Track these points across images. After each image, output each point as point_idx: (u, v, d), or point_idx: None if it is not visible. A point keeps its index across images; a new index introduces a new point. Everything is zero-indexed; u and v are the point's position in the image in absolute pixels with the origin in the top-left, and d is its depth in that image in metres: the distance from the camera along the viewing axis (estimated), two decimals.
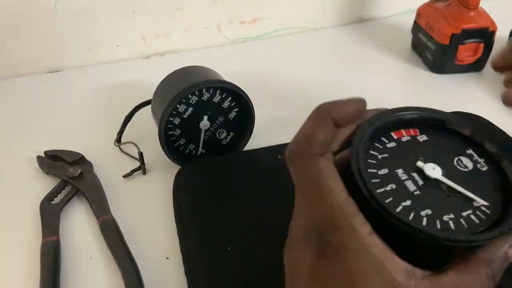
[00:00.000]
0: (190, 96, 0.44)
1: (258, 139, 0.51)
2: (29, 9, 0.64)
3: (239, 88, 0.45)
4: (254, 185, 0.45)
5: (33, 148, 0.51)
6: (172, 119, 0.45)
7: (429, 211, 0.24)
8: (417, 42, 0.70)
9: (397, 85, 0.65)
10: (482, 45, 0.61)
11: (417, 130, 0.29)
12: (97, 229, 0.42)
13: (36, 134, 0.56)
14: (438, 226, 0.24)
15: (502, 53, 0.38)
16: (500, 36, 0.63)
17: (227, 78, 0.47)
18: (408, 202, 0.25)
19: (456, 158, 0.28)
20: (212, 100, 0.45)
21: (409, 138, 0.29)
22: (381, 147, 0.28)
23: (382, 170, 0.26)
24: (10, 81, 0.68)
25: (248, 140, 0.50)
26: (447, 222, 0.24)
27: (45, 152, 0.50)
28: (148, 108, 0.51)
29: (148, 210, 0.45)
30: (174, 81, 0.47)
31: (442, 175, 0.26)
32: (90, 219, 0.44)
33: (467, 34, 0.61)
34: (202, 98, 0.45)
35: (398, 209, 0.24)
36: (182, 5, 0.71)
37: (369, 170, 0.26)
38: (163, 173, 0.49)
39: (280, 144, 0.50)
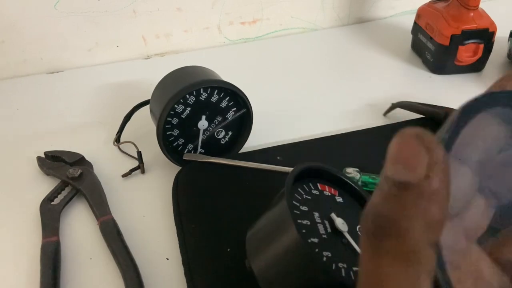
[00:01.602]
0: (187, 96, 0.44)
1: (257, 139, 0.51)
2: (29, 10, 0.65)
3: (236, 88, 0.45)
4: (254, 186, 0.45)
5: (33, 148, 0.52)
6: (170, 119, 0.45)
7: (329, 254, 0.29)
8: (417, 43, 0.70)
9: (397, 85, 0.65)
10: (482, 46, 0.61)
11: (337, 191, 0.36)
12: (97, 230, 0.43)
13: (36, 135, 0.56)
14: (333, 268, 0.28)
15: None
16: (500, 37, 0.63)
17: (227, 78, 0.47)
18: (315, 240, 0.30)
19: (359, 226, 0.33)
20: (210, 100, 0.45)
21: (329, 194, 0.35)
22: (307, 189, 0.34)
23: (303, 207, 0.32)
24: (10, 81, 0.68)
25: (247, 139, 0.50)
26: (340, 269, 0.29)
27: (45, 153, 0.50)
28: (147, 107, 0.51)
29: (148, 210, 0.45)
30: (171, 81, 0.47)
31: (347, 231, 0.31)
32: (90, 220, 0.44)
33: (467, 35, 0.60)
34: (200, 98, 0.45)
35: (309, 241, 0.29)
36: (182, 5, 0.71)
37: (294, 202, 0.32)
38: (162, 172, 0.49)
39: (280, 145, 0.50)
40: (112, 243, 0.40)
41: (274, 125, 0.55)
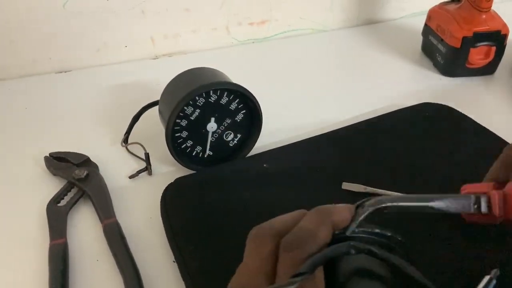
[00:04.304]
0: (197, 98, 0.44)
1: (266, 141, 0.51)
2: (39, 10, 0.65)
3: (246, 90, 0.45)
4: (243, 197, 0.43)
5: (41, 148, 0.51)
6: (179, 121, 0.44)
7: None
8: (427, 45, 0.69)
9: (407, 88, 0.64)
10: (493, 48, 0.60)
11: None
12: (102, 232, 0.42)
13: (44, 134, 0.56)
14: None
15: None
16: None
17: (235, 79, 0.47)
18: None
19: None
20: (220, 102, 0.45)
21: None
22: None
23: None
24: (19, 81, 0.68)
25: (256, 142, 0.49)
26: None
27: (50, 154, 0.50)
28: (155, 108, 0.51)
29: (155, 212, 0.45)
30: (181, 82, 0.47)
31: None
32: (96, 221, 0.44)
33: (479, 37, 0.60)
34: (210, 100, 0.44)
35: None
36: (190, 6, 0.71)
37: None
38: (170, 174, 0.48)
39: (264, 152, 0.49)
40: (115, 246, 0.40)
41: (282, 127, 0.55)
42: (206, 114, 0.45)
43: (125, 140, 0.52)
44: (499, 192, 0.30)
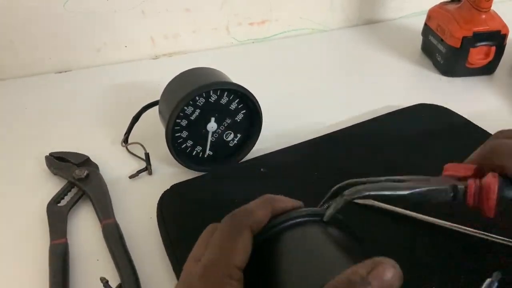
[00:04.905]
0: (197, 98, 0.44)
1: (266, 141, 0.51)
2: (38, 9, 0.65)
3: (247, 90, 0.45)
4: (240, 203, 0.43)
5: (41, 148, 0.51)
6: (179, 121, 0.44)
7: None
8: (427, 45, 0.69)
9: (407, 88, 0.64)
10: (493, 48, 0.60)
11: None
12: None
13: (44, 134, 0.56)
14: None
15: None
16: None
17: (235, 79, 0.47)
18: None
19: None
20: (220, 102, 0.45)
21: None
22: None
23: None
24: (18, 81, 0.68)
25: (256, 142, 0.49)
26: None
27: (50, 154, 0.50)
28: (155, 108, 0.51)
29: (154, 212, 0.45)
30: (181, 82, 0.47)
31: None
32: (96, 221, 0.44)
33: (479, 37, 0.60)
34: (210, 100, 0.44)
35: None
36: (191, 6, 0.71)
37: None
38: (170, 174, 0.48)
39: (261, 156, 0.49)
40: (113, 247, 0.40)
41: (282, 127, 0.55)
42: (206, 114, 0.45)
43: (125, 140, 0.53)
44: (476, 183, 0.31)
